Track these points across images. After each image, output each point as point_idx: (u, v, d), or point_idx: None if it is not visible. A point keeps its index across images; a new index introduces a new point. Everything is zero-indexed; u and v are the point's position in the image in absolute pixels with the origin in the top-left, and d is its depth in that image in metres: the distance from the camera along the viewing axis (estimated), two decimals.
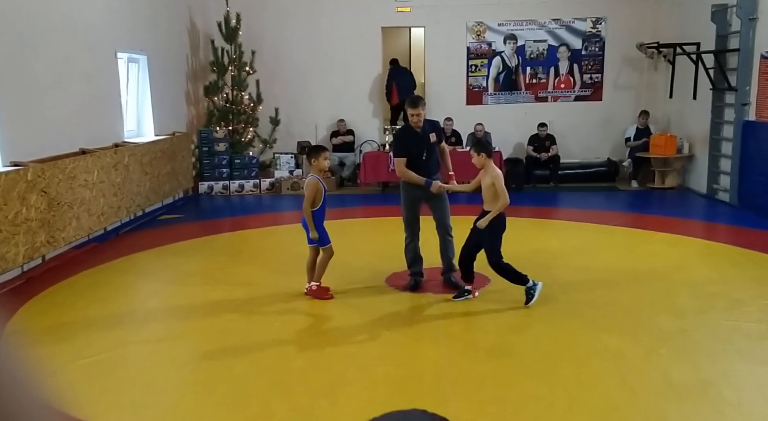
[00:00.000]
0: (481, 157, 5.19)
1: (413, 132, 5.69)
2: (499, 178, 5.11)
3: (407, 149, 5.64)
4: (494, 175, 5.12)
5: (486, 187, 5.18)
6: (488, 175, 5.16)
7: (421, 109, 5.58)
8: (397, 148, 5.87)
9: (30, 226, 5.86)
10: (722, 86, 9.27)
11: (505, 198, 5.08)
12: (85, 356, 4.32)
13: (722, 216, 8.73)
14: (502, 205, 5.08)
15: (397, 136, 6.19)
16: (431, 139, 5.68)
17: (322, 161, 5.32)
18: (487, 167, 5.20)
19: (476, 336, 4.64)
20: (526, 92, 11.95)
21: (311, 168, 5.40)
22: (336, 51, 11.66)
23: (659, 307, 5.04)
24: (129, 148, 8.12)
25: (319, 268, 5.44)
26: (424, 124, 5.68)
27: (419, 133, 5.67)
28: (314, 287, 5.41)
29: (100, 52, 7.87)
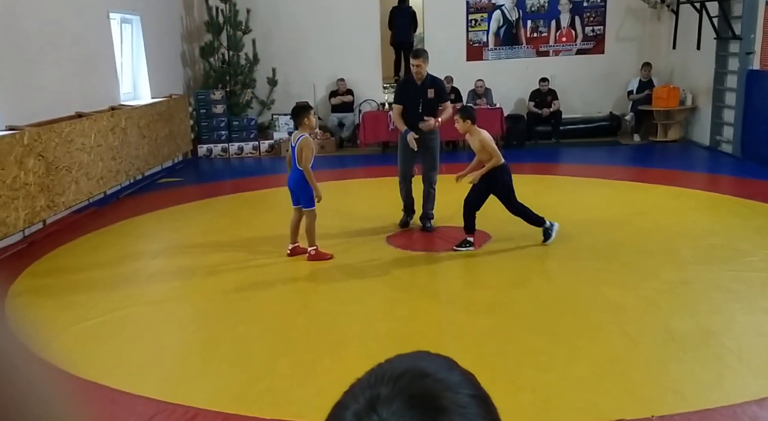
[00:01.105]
0: (466, 123, 5.31)
1: (413, 83, 5.91)
2: (487, 139, 5.29)
3: (402, 99, 5.93)
4: (481, 139, 5.28)
5: (478, 150, 5.37)
6: (475, 139, 5.32)
7: (422, 61, 5.78)
8: (395, 95, 6.17)
9: (29, 190, 5.84)
10: (726, 35, 9.09)
11: (497, 157, 5.26)
12: (89, 318, 4.35)
13: (725, 167, 8.66)
14: (494, 164, 5.25)
15: (397, 84, 6.45)
16: (429, 94, 5.82)
17: (312, 119, 5.26)
18: (472, 131, 5.34)
19: (477, 292, 4.65)
20: (527, 47, 11.74)
21: (301, 127, 5.28)
22: (332, 8, 11.42)
23: (661, 259, 5.03)
24: (126, 111, 8.04)
25: (308, 233, 5.34)
26: (426, 78, 5.84)
27: (418, 85, 5.86)
28: (312, 252, 5.37)
29: (92, 12, 7.73)
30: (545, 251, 5.38)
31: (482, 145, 5.28)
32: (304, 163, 5.20)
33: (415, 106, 5.86)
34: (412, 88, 5.91)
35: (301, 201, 5.34)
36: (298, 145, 5.20)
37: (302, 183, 5.26)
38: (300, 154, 5.18)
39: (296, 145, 5.21)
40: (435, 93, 5.91)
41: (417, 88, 5.87)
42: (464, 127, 5.33)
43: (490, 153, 5.27)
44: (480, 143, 5.28)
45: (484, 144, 5.27)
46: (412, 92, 5.88)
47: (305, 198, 5.30)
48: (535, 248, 5.45)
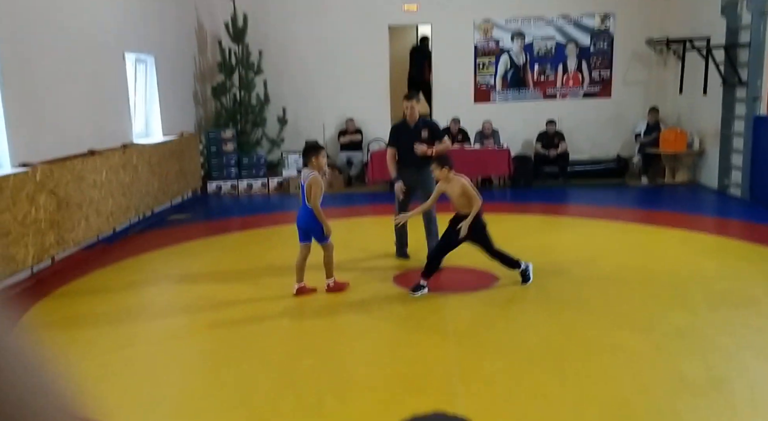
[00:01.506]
0: (443, 170, 5.33)
1: (406, 125, 6.19)
2: (467, 185, 5.31)
3: (396, 141, 6.19)
4: (462, 184, 5.29)
5: (457, 196, 5.34)
6: (455, 185, 5.31)
7: (414, 103, 6.06)
8: (389, 139, 6.42)
9: (39, 227, 5.88)
10: (733, 81, 9.18)
11: (478, 201, 5.26)
12: (94, 355, 4.32)
13: (734, 211, 8.64)
14: (477, 207, 5.24)
15: (391, 127, 6.55)
16: (423, 135, 6.10)
17: (321, 159, 5.34)
18: (450, 178, 5.34)
19: (484, 333, 4.61)
20: (534, 89, 11.89)
21: (311, 165, 5.36)
22: (343, 50, 11.64)
23: (670, 303, 4.99)
24: (137, 148, 8.14)
25: (327, 266, 5.46)
26: (418, 120, 6.14)
27: (411, 127, 6.14)
28: (331, 284, 5.48)
29: (108, 53, 7.90)
30: (553, 292, 5.35)
31: (462, 191, 5.26)
32: (313, 200, 5.25)
33: (409, 147, 6.05)
34: (405, 130, 6.14)
35: (315, 237, 5.40)
36: (307, 183, 5.26)
37: (313, 220, 5.32)
38: (309, 191, 5.23)
39: (305, 183, 5.28)
40: (429, 133, 6.12)
41: (411, 129, 6.11)
42: (442, 174, 5.34)
43: (469, 199, 5.25)
44: (461, 189, 5.27)
45: (465, 190, 5.26)
46: (406, 134, 6.10)
47: (318, 234, 5.36)
48: (543, 290, 5.42)
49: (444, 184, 5.39)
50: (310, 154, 5.36)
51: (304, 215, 5.35)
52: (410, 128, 6.13)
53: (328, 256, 5.43)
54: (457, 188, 5.29)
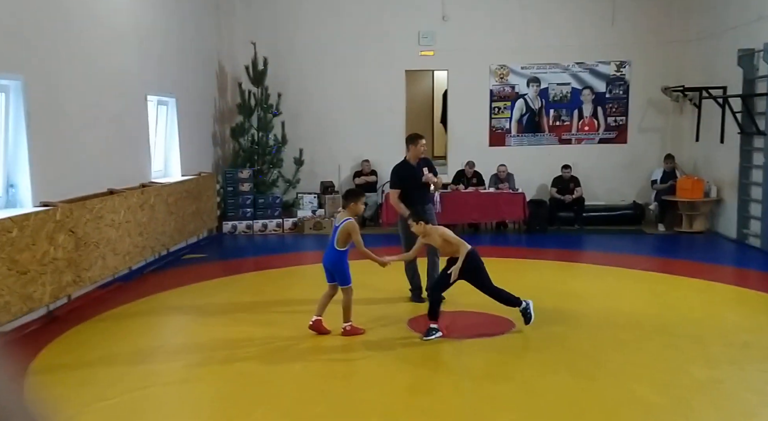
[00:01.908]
0: (420, 225, 5.51)
1: (410, 165, 6.47)
2: (446, 232, 5.47)
3: (403, 182, 6.41)
4: (440, 233, 5.47)
5: (441, 246, 5.53)
6: (435, 238, 5.48)
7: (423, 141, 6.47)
8: (395, 180, 6.57)
9: (57, 265, 5.92)
10: (750, 130, 9.18)
11: (463, 246, 5.37)
12: (107, 397, 4.30)
13: (753, 262, 8.53)
14: (464, 252, 5.33)
15: (396, 169, 6.64)
16: (424, 172, 6.39)
17: (360, 206, 5.53)
18: (429, 231, 5.51)
19: (500, 385, 4.53)
20: (549, 134, 11.95)
21: (347, 210, 5.49)
22: (360, 93, 11.82)
23: (691, 355, 4.89)
24: (155, 188, 8.24)
25: (345, 310, 5.47)
26: (420, 159, 6.48)
27: (414, 166, 6.42)
28: (348, 328, 5.47)
29: (131, 95, 8.07)
30: (569, 341, 5.27)
31: (443, 240, 5.44)
32: (357, 245, 5.38)
33: (416, 185, 6.37)
34: (410, 169, 6.44)
35: (337, 279, 5.47)
36: (342, 227, 5.37)
37: (338, 262, 5.42)
38: (343, 236, 5.35)
39: (340, 226, 5.38)
40: (429, 169, 6.45)
41: (414, 168, 6.42)
42: (419, 229, 5.52)
43: (454, 245, 5.40)
44: (440, 239, 5.46)
45: (446, 237, 5.44)
46: (412, 173, 6.39)
47: (341, 276, 5.43)
48: (559, 337, 5.35)
49: (423, 239, 5.58)
50: (349, 199, 5.54)
51: (331, 256, 5.44)
52: (414, 167, 6.43)
53: (347, 299, 5.46)
54: (437, 239, 5.49)
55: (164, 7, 9.11)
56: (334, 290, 5.54)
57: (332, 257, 5.44)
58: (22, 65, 5.86)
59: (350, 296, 5.46)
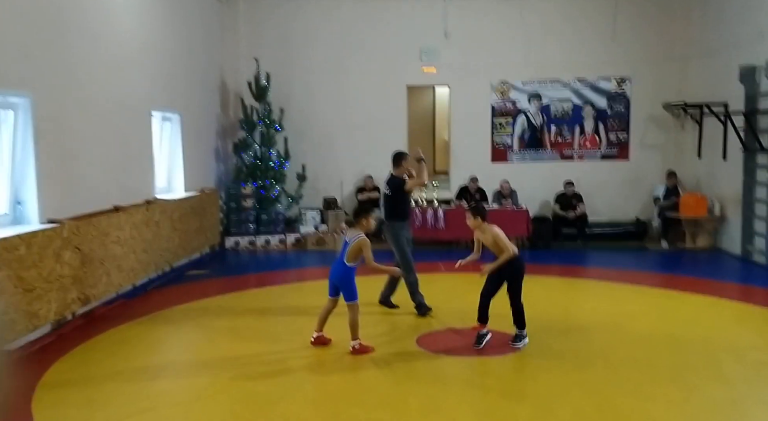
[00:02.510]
0: (476, 220, 5.58)
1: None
2: (499, 234, 5.53)
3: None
4: (494, 234, 5.54)
5: (491, 245, 5.57)
6: (487, 234, 5.55)
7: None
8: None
9: (63, 283, 5.87)
10: (754, 147, 9.20)
11: (509, 250, 5.46)
12: (117, 417, 4.23)
13: (759, 278, 8.51)
14: (508, 257, 5.45)
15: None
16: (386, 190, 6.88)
17: (371, 222, 5.55)
18: (483, 228, 5.58)
19: (514, 404, 4.47)
20: (551, 150, 11.97)
21: (358, 226, 5.49)
22: (362, 109, 11.84)
23: (704, 373, 4.86)
24: (160, 204, 8.20)
25: (353, 328, 5.43)
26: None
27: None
28: (357, 346, 5.42)
29: (136, 111, 8.06)
30: (581, 358, 5.23)
31: (494, 240, 5.52)
32: (368, 261, 5.37)
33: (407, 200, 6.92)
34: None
35: (344, 295, 5.43)
36: (355, 243, 5.36)
37: (346, 277, 5.40)
38: (354, 252, 5.35)
39: (351, 242, 5.37)
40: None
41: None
42: (474, 223, 5.60)
43: (501, 248, 5.49)
44: (492, 238, 5.53)
45: (497, 239, 5.52)
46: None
47: (349, 291, 5.40)
48: (571, 355, 5.32)
49: (478, 233, 5.64)
50: (360, 215, 5.54)
51: (339, 270, 5.43)
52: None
53: (353, 316, 5.41)
54: (489, 238, 5.56)
55: (168, 24, 9.12)
56: (333, 305, 5.53)
57: (340, 272, 5.43)
58: (30, 83, 5.85)
59: (356, 313, 5.42)
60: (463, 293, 7.51)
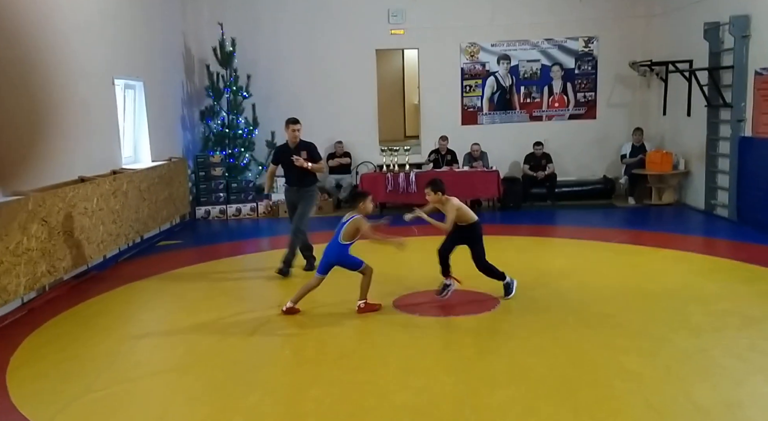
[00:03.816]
0: (437, 195, 5.66)
1: (285, 148, 7.08)
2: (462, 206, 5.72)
3: (277, 159, 7.15)
4: (456, 206, 5.64)
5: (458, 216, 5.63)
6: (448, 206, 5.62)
7: (300, 127, 7.04)
8: (272, 157, 7.59)
9: (31, 256, 5.75)
10: (717, 103, 9.35)
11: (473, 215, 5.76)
12: (93, 389, 4.21)
13: (723, 231, 8.75)
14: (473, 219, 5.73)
15: (275, 148, 7.73)
16: (302, 156, 6.85)
17: (369, 204, 5.63)
18: (443, 201, 5.67)
19: (492, 361, 4.57)
20: (520, 111, 12.01)
21: (357, 210, 5.57)
22: (331, 74, 11.68)
23: (674, 325, 5.00)
24: (127, 175, 8.04)
25: (364, 289, 5.59)
26: (299, 142, 6.99)
27: (292, 149, 6.94)
28: (362, 305, 5.56)
29: (97, 78, 7.82)
30: (554, 316, 5.34)
31: (458, 213, 5.61)
32: (368, 236, 5.48)
33: (290, 165, 6.85)
34: (284, 151, 7.01)
35: (350, 268, 5.56)
36: (350, 223, 5.46)
37: (344, 255, 5.53)
38: (350, 231, 5.44)
39: (347, 222, 5.47)
40: (308, 153, 6.91)
41: (290, 151, 6.92)
42: (435, 198, 5.67)
43: (467, 213, 5.68)
44: (455, 211, 5.61)
45: (461, 211, 5.64)
46: (287, 155, 6.88)
47: (353, 265, 5.55)
48: (544, 313, 5.42)
49: (439, 206, 5.74)
50: (357, 199, 5.68)
51: (334, 250, 5.51)
52: (292, 150, 6.92)
53: (367, 279, 5.57)
54: (451, 210, 5.63)
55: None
56: (318, 283, 5.59)
57: (336, 251, 5.52)
58: None
59: (370, 275, 5.58)
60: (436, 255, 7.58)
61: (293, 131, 6.96)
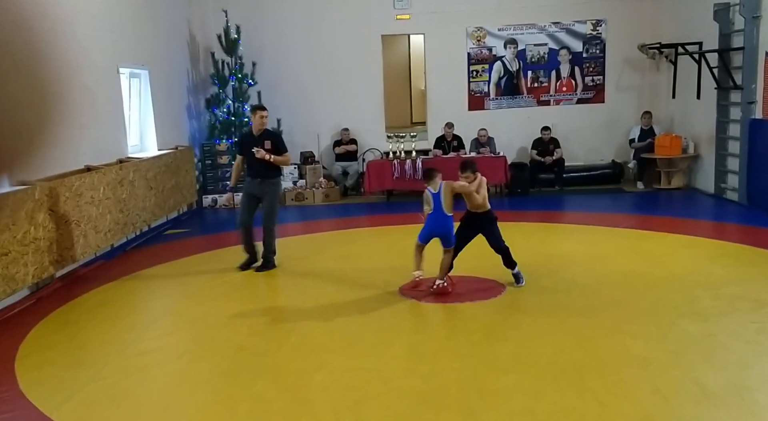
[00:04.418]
0: (476, 174, 5.64)
1: (249, 136, 6.63)
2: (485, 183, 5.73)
3: (242, 150, 6.64)
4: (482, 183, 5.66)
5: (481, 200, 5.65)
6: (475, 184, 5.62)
7: (266, 114, 6.60)
8: (237, 147, 7.03)
9: (38, 245, 5.78)
10: (727, 85, 9.23)
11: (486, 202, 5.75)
12: (102, 377, 4.23)
13: (732, 215, 8.67)
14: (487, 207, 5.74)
15: (239, 137, 7.22)
16: (266, 146, 6.48)
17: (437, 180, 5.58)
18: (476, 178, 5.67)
19: (497, 346, 4.55)
20: (528, 96, 11.91)
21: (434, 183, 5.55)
22: (336, 60, 11.62)
23: (681, 310, 4.97)
24: (134, 163, 8.05)
25: (444, 269, 5.62)
26: (264, 131, 6.58)
27: (256, 137, 6.53)
28: (443, 285, 5.58)
29: (102, 67, 7.81)
30: (562, 301, 5.32)
31: (479, 188, 5.64)
32: (465, 187, 5.53)
33: (254, 157, 6.42)
34: (248, 139, 6.58)
35: (445, 243, 5.61)
36: (444, 190, 5.49)
37: (450, 227, 5.57)
38: (448, 198, 5.48)
39: (441, 191, 5.49)
40: (272, 143, 6.52)
41: (255, 139, 6.50)
42: (472, 177, 5.64)
43: (483, 197, 5.66)
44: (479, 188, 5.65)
45: (481, 188, 5.66)
46: (250, 143, 6.49)
47: (449, 239, 5.59)
48: (552, 298, 5.40)
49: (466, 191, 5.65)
50: (433, 174, 5.60)
51: (444, 221, 5.54)
52: (256, 138, 6.52)
53: (448, 260, 5.61)
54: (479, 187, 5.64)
55: None
56: (422, 250, 5.67)
57: (445, 223, 5.55)
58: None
59: (451, 257, 5.63)
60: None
61: (261, 118, 6.51)
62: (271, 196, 6.59)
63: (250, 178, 6.62)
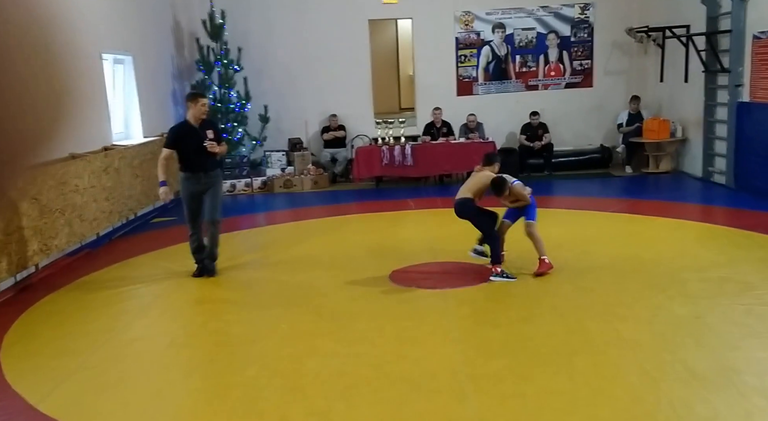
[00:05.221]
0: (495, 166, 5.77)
1: (188, 126, 5.77)
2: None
3: (177, 142, 5.75)
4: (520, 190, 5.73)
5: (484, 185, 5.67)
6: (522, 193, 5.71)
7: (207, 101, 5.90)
8: (167, 139, 5.94)
9: (22, 234, 5.70)
10: (714, 68, 9.24)
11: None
12: (88, 366, 4.19)
13: (720, 199, 8.71)
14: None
15: (170, 129, 6.09)
16: (209, 136, 5.74)
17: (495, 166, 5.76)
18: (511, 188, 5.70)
19: (488, 330, 4.56)
20: (516, 81, 11.87)
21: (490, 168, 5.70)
22: (324, 45, 11.51)
23: (670, 292, 4.99)
24: (119, 151, 7.95)
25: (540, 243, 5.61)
26: (203, 120, 5.78)
27: (196, 127, 5.74)
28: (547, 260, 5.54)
29: (85, 54, 7.68)
30: (551, 285, 5.32)
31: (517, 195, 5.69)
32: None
33: (196, 149, 5.67)
34: (188, 130, 5.75)
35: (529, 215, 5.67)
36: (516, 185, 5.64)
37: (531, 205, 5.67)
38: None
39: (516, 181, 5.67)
40: (213, 133, 5.84)
41: (195, 130, 5.73)
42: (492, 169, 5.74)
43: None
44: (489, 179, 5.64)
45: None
46: (191, 134, 5.71)
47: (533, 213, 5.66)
48: (541, 283, 5.40)
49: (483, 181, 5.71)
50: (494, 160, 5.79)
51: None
52: (196, 128, 5.73)
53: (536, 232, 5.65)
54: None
55: None
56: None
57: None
58: None
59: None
60: (432, 228, 7.56)
61: (203, 106, 5.74)
62: (217, 188, 5.93)
63: (190, 174, 5.76)
